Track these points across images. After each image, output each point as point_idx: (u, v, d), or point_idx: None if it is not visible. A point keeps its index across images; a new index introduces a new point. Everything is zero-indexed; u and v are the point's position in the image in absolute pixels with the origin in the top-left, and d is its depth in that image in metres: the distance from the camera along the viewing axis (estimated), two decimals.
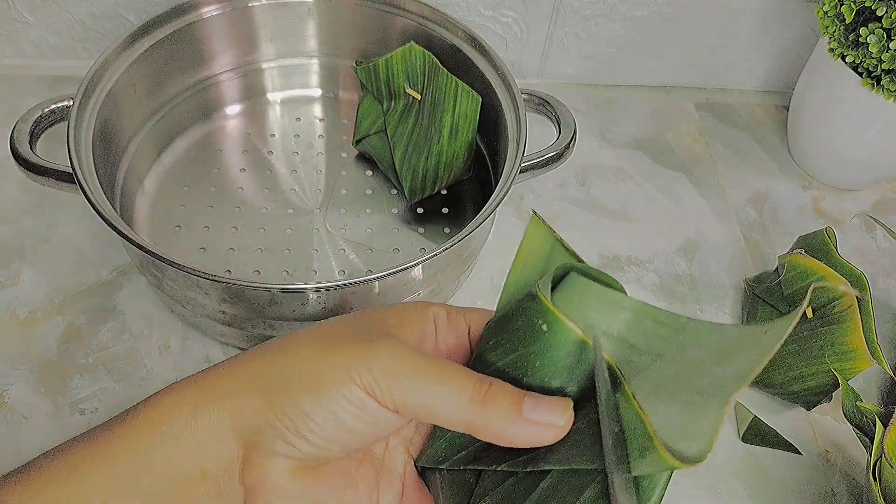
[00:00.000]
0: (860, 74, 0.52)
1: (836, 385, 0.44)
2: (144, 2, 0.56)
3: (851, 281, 0.45)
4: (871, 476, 0.38)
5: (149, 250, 0.37)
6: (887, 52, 0.49)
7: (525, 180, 0.47)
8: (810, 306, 0.45)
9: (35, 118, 0.43)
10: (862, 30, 0.50)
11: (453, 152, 0.50)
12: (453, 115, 0.49)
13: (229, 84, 0.56)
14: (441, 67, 0.49)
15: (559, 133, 0.48)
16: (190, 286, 0.40)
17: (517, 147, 0.45)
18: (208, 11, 0.51)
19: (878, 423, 0.39)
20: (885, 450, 0.38)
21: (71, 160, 0.40)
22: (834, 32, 0.52)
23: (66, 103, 0.44)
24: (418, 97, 0.51)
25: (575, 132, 0.48)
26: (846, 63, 0.53)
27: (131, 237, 0.37)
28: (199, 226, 0.50)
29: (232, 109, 0.57)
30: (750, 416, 0.45)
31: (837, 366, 0.44)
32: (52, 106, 0.44)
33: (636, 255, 0.55)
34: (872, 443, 0.39)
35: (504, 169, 0.45)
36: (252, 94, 0.58)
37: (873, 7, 0.49)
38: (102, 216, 0.38)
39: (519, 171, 0.43)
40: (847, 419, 0.42)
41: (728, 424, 0.47)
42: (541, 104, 0.50)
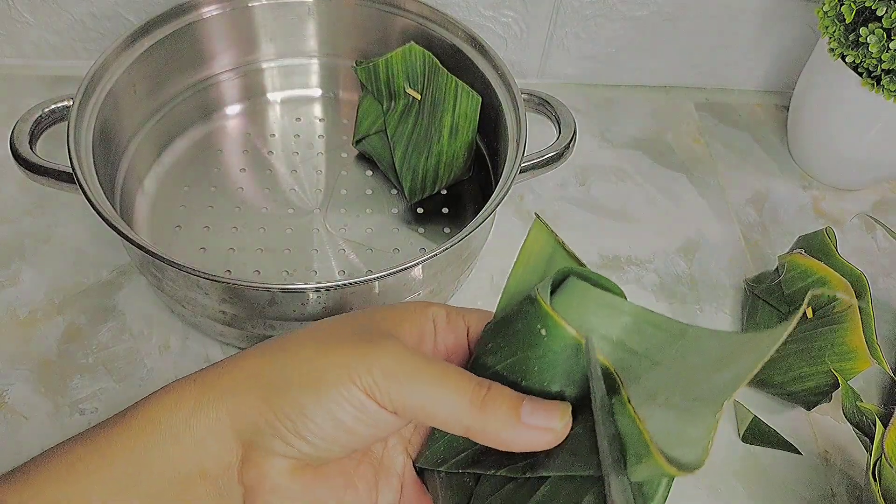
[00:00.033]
0: (860, 74, 0.52)
1: (836, 385, 0.44)
2: (144, 2, 0.56)
3: (851, 281, 0.45)
4: (871, 476, 0.38)
5: (149, 250, 0.37)
6: (887, 52, 0.49)
7: (525, 180, 0.47)
8: (810, 306, 0.45)
9: (35, 118, 0.43)
10: (862, 30, 0.50)
11: (453, 152, 0.50)
12: (453, 115, 0.49)
13: (229, 84, 0.56)
14: (441, 67, 0.49)
15: (559, 133, 0.48)
16: (190, 286, 0.40)
17: (517, 147, 0.45)
18: (208, 11, 0.51)
19: (878, 423, 0.39)
20: (885, 450, 0.38)
21: (71, 160, 0.40)
22: (834, 32, 0.52)
23: (66, 103, 0.44)
24: (418, 97, 0.50)
25: (575, 132, 0.48)
26: (846, 63, 0.53)
27: (131, 237, 0.37)
28: (199, 226, 0.50)
29: (232, 109, 0.57)
30: (750, 416, 0.45)
31: (837, 366, 0.44)
32: (52, 106, 0.44)
33: (636, 255, 0.55)
34: (872, 443, 0.39)
35: (504, 169, 0.45)
36: (252, 94, 0.58)
37: (873, 7, 0.49)
38: (102, 216, 0.38)
39: (519, 171, 0.43)
40: (847, 419, 0.42)
41: (728, 424, 0.47)
42: (541, 104, 0.50)
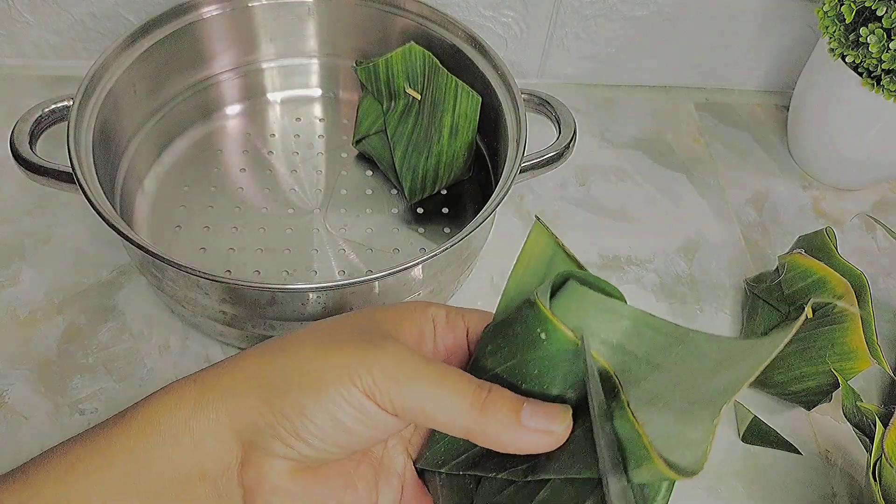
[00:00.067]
0: (860, 74, 0.52)
1: (836, 385, 0.44)
2: (144, 2, 0.56)
3: (851, 281, 0.45)
4: (871, 476, 0.38)
5: (149, 250, 0.37)
6: (887, 52, 0.49)
7: (525, 180, 0.47)
8: (811, 306, 0.45)
9: (35, 118, 0.43)
10: (862, 30, 0.50)
11: (453, 152, 0.50)
12: (453, 115, 0.49)
13: (229, 84, 0.56)
14: (441, 67, 0.49)
15: (559, 133, 0.48)
16: (190, 286, 0.40)
17: (517, 147, 0.45)
18: (208, 11, 0.51)
19: (878, 423, 0.39)
20: (885, 450, 0.38)
21: (71, 160, 0.40)
22: (834, 32, 0.52)
23: (66, 103, 0.44)
24: (418, 97, 0.50)
25: (575, 132, 0.48)
26: (846, 63, 0.53)
27: (131, 237, 0.37)
28: (199, 226, 0.50)
29: (232, 109, 0.57)
30: (750, 416, 0.45)
31: (837, 366, 0.44)
32: (52, 106, 0.44)
33: (636, 255, 0.55)
34: (872, 443, 0.39)
35: (504, 169, 0.45)
36: (252, 94, 0.58)
37: (873, 7, 0.49)
38: (102, 216, 0.38)
39: (519, 171, 0.43)
40: (847, 419, 0.42)
41: (728, 424, 0.47)
42: (541, 104, 0.50)
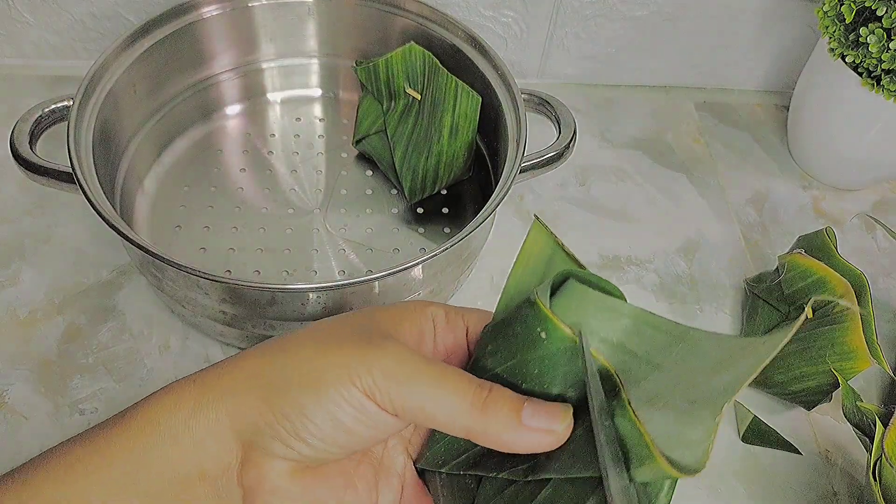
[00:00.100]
0: (860, 74, 0.52)
1: (836, 385, 0.44)
2: (144, 2, 0.56)
3: (851, 281, 0.45)
4: (871, 476, 0.38)
5: (149, 250, 0.37)
6: (887, 52, 0.49)
7: (525, 180, 0.47)
8: (811, 306, 0.45)
9: (35, 118, 0.43)
10: (862, 30, 0.50)
11: (453, 152, 0.50)
12: (453, 115, 0.49)
13: (229, 84, 0.56)
14: (441, 67, 0.49)
15: (559, 133, 0.48)
16: (190, 286, 0.40)
17: (517, 147, 0.45)
18: (208, 11, 0.51)
19: (878, 423, 0.39)
20: (885, 450, 0.38)
21: (71, 160, 0.40)
22: (834, 32, 0.52)
23: (66, 103, 0.44)
24: (418, 97, 0.50)
25: (575, 132, 0.48)
26: (846, 63, 0.53)
27: (131, 237, 0.37)
28: (199, 226, 0.50)
29: (232, 109, 0.57)
30: (750, 416, 0.45)
31: (837, 366, 0.44)
32: (52, 106, 0.44)
33: (636, 255, 0.55)
34: (872, 443, 0.39)
35: (504, 169, 0.45)
36: (252, 94, 0.58)
37: (873, 7, 0.49)
38: (102, 216, 0.38)
39: (519, 171, 0.43)
40: (847, 419, 0.42)
41: (728, 424, 0.47)
42: (541, 104, 0.50)
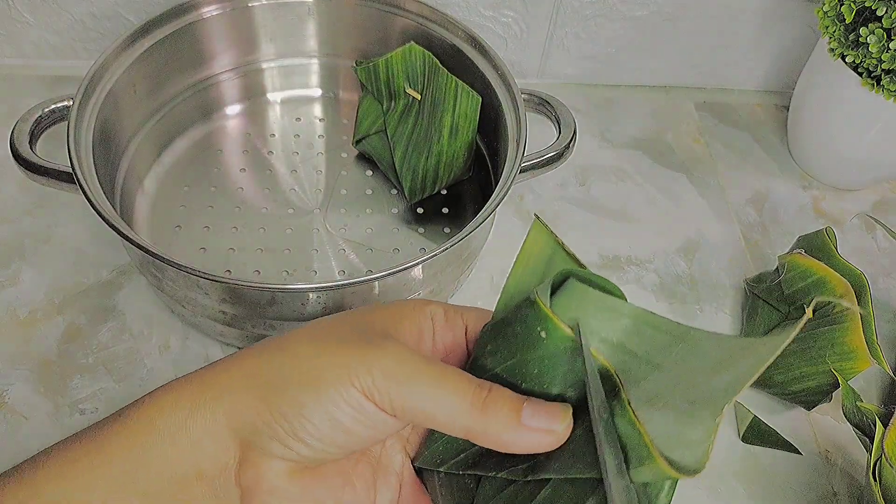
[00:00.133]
0: (860, 74, 0.52)
1: (836, 385, 0.44)
2: (144, 2, 0.56)
3: (851, 281, 0.45)
4: (871, 476, 0.38)
5: (149, 250, 0.37)
6: (887, 52, 0.49)
7: (525, 180, 0.47)
8: (811, 306, 0.45)
9: (35, 118, 0.43)
10: (862, 30, 0.50)
11: (453, 152, 0.50)
12: (453, 115, 0.49)
13: (229, 84, 0.56)
14: (441, 67, 0.49)
15: (559, 133, 0.48)
16: (190, 286, 0.40)
17: (517, 147, 0.45)
18: (208, 11, 0.51)
19: (878, 423, 0.39)
20: (885, 450, 0.38)
21: (71, 160, 0.40)
22: (834, 32, 0.52)
23: (66, 103, 0.44)
24: (418, 97, 0.50)
25: (575, 132, 0.48)
26: (846, 63, 0.53)
27: (131, 237, 0.37)
28: (199, 226, 0.50)
29: (232, 109, 0.57)
30: (750, 416, 0.45)
31: (837, 366, 0.44)
32: (52, 106, 0.44)
33: (636, 255, 0.55)
34: (872, 443, 0.39)
35: (504, 169, 0.45)
36: (252, 94, 0.58)
37: (873, 7, 0.49)
38: (102, 216, 0.38)
39: (519, 171, 0.43)
40: (847, 419, 0.42)
41: (728, 424, 0.47)
42: (541, 104, 0.50)
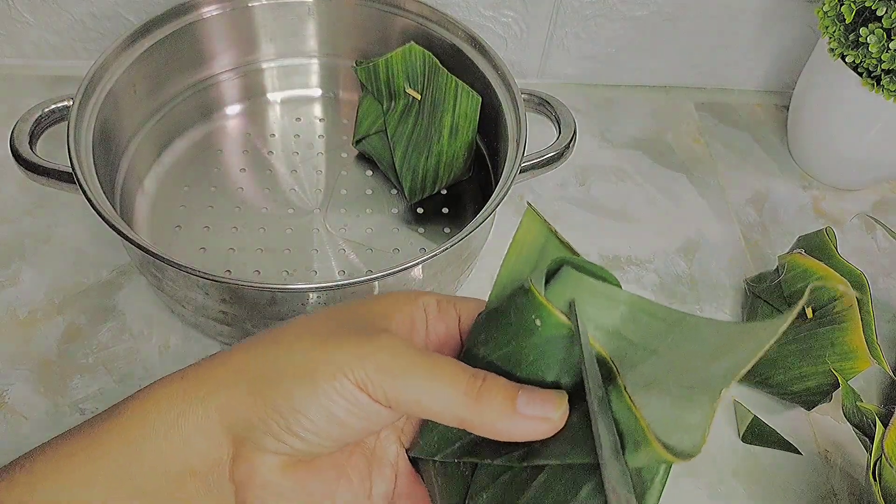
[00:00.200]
0: (860, 74, 0.52)
1: (836, 385, 0.44)
2: (144, 2, 0.56)
3: (851, 281, 0.45)
4: (871, 476, 0.38)
5: (149, 250, 0.37)
6: (887, 52, 0.49)
7: (525, 180, 0.47)
8: (810, 306, 0.45)
9: (35, 118, 0.43)
10: (862, 30, 0.50)
11: (453, 152, 0.50)
12: (453, 115, 0.49)
13: (229, 84, 0.56)
14: (441, 67, 0.49)
15: (559, 133, 0.48)
16: (190, 286, 0.40)
17: (517, 147, 0.45)
18: (208, 11, 0.51)
19: (878, 423, 0.39)
20: (885, 450, 0.38)
21: (71, 160, 0.40)
22: (834, 32, 0.52)
23: (66, 103, 0.44)
24: (418, 97, 0.50)
25: (575, 132, 0.48)
26: (846, 63, 0.53)
27: (131, 237, 0.37)
28: (199, 226, 0.50)
29: (232, 109, 0.57)
30: (750, 416, 0.45)
31: (837, 366, 0.44)
32: (52, 106, 0.44)
33: (636, 255, 0.55)
34: (872, 443, 0.39)
35: (504, 169, 0.45)
36: (252, 94, 0.58)
37: (873, 7, 0.49)
38: (102, 216, 0.38)
39: (519, 171, 0.43)
40: (847, 419, 0.42)
41: (728, 424, 0.47)
42: (541, 104, 0.50)
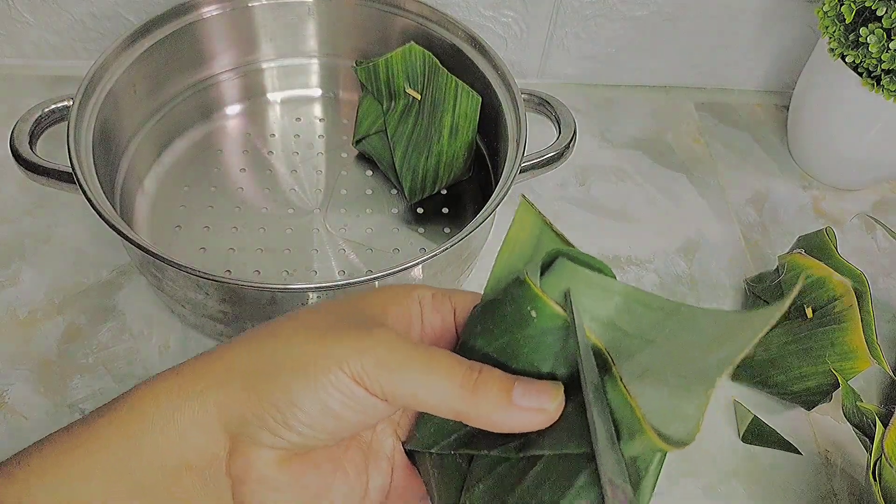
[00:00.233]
0: (860, 74, 0.52)
1: (836, 385, 0.44)
2: (144, 2, 0.56)
3: (851, 281, 0.45)
4: (871, 476, 0.38)
5: (149, 250, 0.37)
6: (887, 52, 0.49)
7: (525, 180, 0.47)
8: (810, 306, 0.45)
9: (35, 118, 0.43)
10: (862, 30, 0.50)
11: (453, 152, 0.50)
12: (453, 115, 0.49)
13: (229, 84, 0.56)
14: (441, 67, 0.49)
15: (559, 133, 0.48)
16: (190, 286, 0.40)
17: (517, 147, 0.45)
18: (208, 11, 0.51)
19: (878, 423, 0.39)
20: (885, 450, 0.38)
21: (71, 160, 0.40)
22: (834, 32, 0.52)
23: (66, 103, 0.44)
24: (418, 97, 0.50)
25: (575, 132, 0.48)
26: (846, 63, 0.53)
27: (131, 237, 0.37)
28: (199, 226, 0.50)
29: (232, 109, 0.57)
30: (750, 416, 0.45)
31: (837, 366, 0.44)
32: (52, 106, 0.44)
33: (636, 255, 0.55)
34: (872, 443, 0.39)
35: (504, 169, 0.45)
36: (252, 94, 0.58)
37: (873, 7, 0.49)
38: (102, 216, 0.38)
39: (519, 171, 0.43)
40: (847, 419, 0.42)
41: (728, 424, 0.47)
42: (541, 104, 0.50)
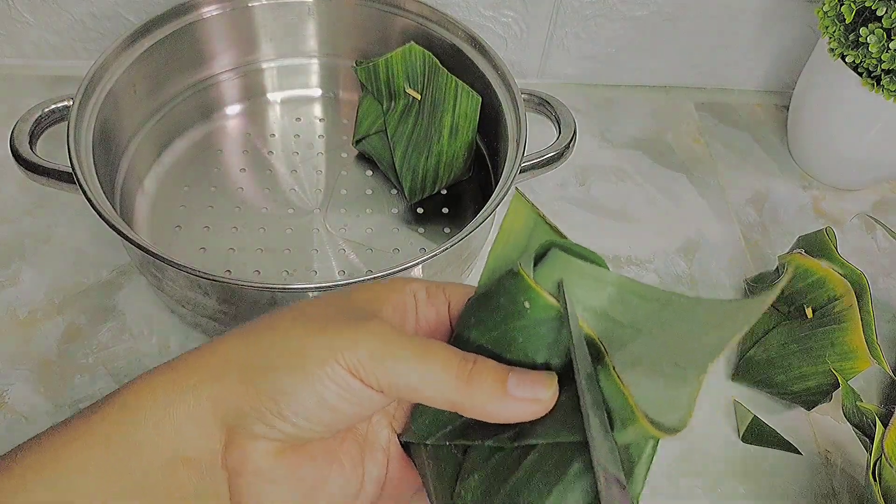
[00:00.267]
0: (860, 74, 0.52)
1: (836, 385, 0.44)
2: (144, 2, 0.56)
3: (851, 281, 0.45)
4: (871, 476, 0.38)
5: (149, 250, 0.37)
6: (887, 52, 0.49)
7: (525, 180, 0.47)
8: (810, 306, 0.46)
9: (35, 118, 0.43)
10: (862, 30, 0.50)
11: (453, 152, 0.50)
12: (453, 115, 0.49)
13: (229, 84, 0.56)
14: (441, 67, 0.49)
15: (559, 133, 0.48)
16: (190, 286, 0.40)
17: (517, 147, 0.45)
18: (208, 11, 0.51)
19: (878, 423, 0.39)
20: (885, 450, 0.38)
21: (71, 160, 0.40)
22: (834, 32, 0.52)
23: (66, 103, 0.44)
24: (418, 97, 0.51)
25: (575, 132, 0.48)
26: (846, 63, 0.53)
27: (131, 237, 0.37)
28: (199, 226, 0.50)
29: (232, 109, 0.57)
30: (750, 416, 0.45)
31: (837, 366, 0.44)
32: (52, 106, 0.44)
33: (636, 255, 0.55)
34: (872, 443, 0.39)
35: (504, 169, 0.45)
36: (252, 94, 0.58)
37: (873, 7, 0.49)
38: (102, 216, 0.38)
39: (519, 171, 0.43)
40: (847, 419, 0.42)
41: (728, 424, 0.47)
42: (541, 104, 0.50)
